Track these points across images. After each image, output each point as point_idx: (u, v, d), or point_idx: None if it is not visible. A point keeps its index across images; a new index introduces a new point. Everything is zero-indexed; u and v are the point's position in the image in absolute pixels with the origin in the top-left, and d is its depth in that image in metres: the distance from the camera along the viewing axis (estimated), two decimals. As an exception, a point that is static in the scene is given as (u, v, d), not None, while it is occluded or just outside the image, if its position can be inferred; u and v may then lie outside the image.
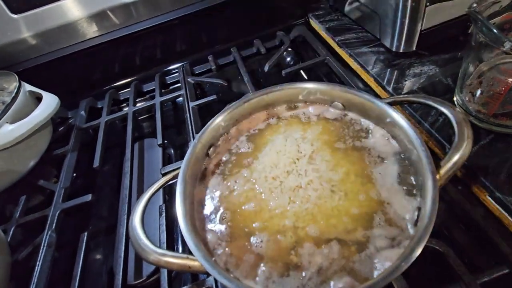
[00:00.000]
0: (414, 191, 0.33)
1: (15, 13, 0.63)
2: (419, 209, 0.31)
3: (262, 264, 0.31)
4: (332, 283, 0.29)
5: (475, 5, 0.38)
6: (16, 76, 0.58)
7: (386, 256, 0.28)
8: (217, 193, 0.39)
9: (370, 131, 0.41)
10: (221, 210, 0.37)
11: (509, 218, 0.37)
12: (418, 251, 0.24)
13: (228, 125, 0.44)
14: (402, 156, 0.37)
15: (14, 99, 0.54)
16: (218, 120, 0.42)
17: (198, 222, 0.35)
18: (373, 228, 0.31)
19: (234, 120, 0.44)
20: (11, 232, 0.50)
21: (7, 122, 0.52)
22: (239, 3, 0.75)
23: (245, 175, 0.39)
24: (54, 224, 0.50)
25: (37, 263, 0.45)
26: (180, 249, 0.49)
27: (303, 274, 0.30)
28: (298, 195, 0.35)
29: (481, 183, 0.39)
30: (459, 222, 0.40)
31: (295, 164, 0.38)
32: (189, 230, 0.30)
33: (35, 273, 0.44)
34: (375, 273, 0.28)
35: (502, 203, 0.38)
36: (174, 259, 0.30)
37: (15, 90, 0.55)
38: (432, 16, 0.53)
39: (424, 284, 0.34)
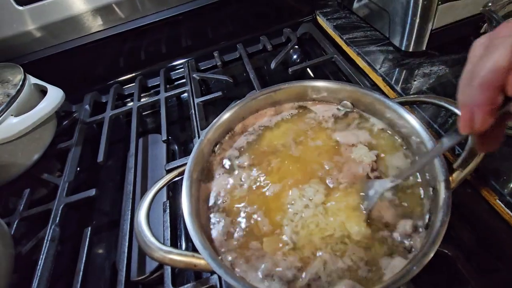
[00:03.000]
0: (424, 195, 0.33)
1: (21, 5, 0.62)
2: (430, 212, 0.30)
3: (265, 264, 0.31)
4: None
5: (490, 4, 0.37)
6: (21, 69, 0.57)
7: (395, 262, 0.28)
8: (223, 191, 0.38)
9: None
10: (227, 208, 0.36)
11: (519, 222, 0.36)
12: (430, 255, 0.24)
13: (235, 122, 0.44)
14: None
15: (19, 92, 0.53)
16: (225, 117, 0.42)
17: (203, 219, 0.35)
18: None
19: (240, 117, 0.44)
20: (14, 225, 0.50)
21: (12, 115, 0.52)
22: (246, -1, 0.75)
23: (251, 173, 0.39)
24: (57, 218, 0.50)
25: (41, 256, 0.45)
26: (184, 246, 0.48)
27: (303, 276, 0.29)
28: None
29: (491, 187, 0.39)
30: (468, 225, 0.40)
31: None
32: (195, 229, 0.30)
33: (38, 266, 0.44)
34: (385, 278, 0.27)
35: (511, 207, 0.37)
36: (180, 257, 0.29)
37: (20, 83, 0.54)
38: (444, 15, 0.52)
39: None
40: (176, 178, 0.38)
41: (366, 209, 0.31)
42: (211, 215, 0.36)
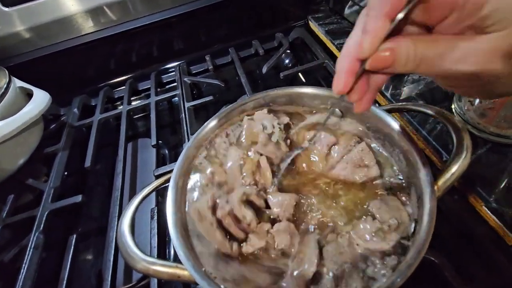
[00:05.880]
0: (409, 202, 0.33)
1: (7, 6, 0.61)
2: (416, 221, 0.30)
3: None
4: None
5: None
6: (6, 71, 0.56)
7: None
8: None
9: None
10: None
11: (505, 229, 0.37)
12: (415, 265, 0.24)
13: (224, 127, 0.43)
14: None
15: (3, 95, 0.52)
16: (213, 123, 0.41)
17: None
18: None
19: (229, 123, 0.43)
20: (-3, 232, 0.49)
21: (-4, 119, 0.50)
22: (238, 3, 0.74)
23: (240, 180, 0.38)
24: (42, 225, 0.48)
25: (23, 265, 0.44)
26: (172, 253, 0.48)
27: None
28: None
29: (477, 193, 0.39)
30: (454, 231, 0.40)
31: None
32: (179, 239, 0.29)
33: (20, 275, 0.43)
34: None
35: (497, 214, 0.37)
36: (163, 268, 0.29)
37: (5, 86, 0.53)
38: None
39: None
40: (164, 185, 0.38)
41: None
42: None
